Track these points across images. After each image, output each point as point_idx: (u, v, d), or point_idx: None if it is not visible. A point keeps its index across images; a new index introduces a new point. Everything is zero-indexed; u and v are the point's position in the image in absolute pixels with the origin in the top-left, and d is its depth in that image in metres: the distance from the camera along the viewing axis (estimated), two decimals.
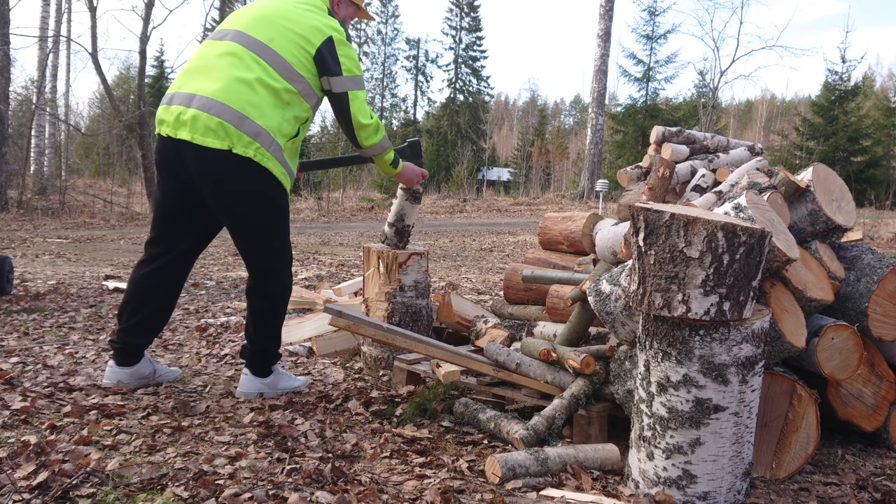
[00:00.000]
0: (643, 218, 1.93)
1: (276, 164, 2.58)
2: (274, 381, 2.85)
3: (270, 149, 2.54)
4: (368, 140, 2.75)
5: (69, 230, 11.52)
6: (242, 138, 2.49)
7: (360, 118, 2.69)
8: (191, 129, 2.50)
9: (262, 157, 2.53)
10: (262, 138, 2.52)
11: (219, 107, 2.49)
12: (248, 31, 2.62)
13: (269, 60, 2.57)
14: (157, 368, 2.92)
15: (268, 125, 2.53)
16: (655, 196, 3.00)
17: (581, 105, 67.26)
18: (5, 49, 13.92)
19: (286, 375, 2.93)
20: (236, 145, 2.49)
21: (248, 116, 2.50)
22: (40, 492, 1.79)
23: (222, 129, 2.48)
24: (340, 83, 2.65)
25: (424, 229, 13.93)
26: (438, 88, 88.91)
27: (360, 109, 2.69)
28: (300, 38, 2.60)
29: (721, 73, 26.90)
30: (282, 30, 2.61)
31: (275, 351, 2.84)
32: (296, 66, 2.59)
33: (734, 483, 2.00)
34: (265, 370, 2.83)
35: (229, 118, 2.48)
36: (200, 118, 2.49)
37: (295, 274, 6.70)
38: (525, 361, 2.65)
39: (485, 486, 2.02)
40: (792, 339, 2.19)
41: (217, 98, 2.50)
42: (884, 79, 48.97)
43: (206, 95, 2.51)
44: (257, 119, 2.51)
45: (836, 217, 2.60)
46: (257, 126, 2.51)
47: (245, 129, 2.49)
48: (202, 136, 2.49)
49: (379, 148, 2.81)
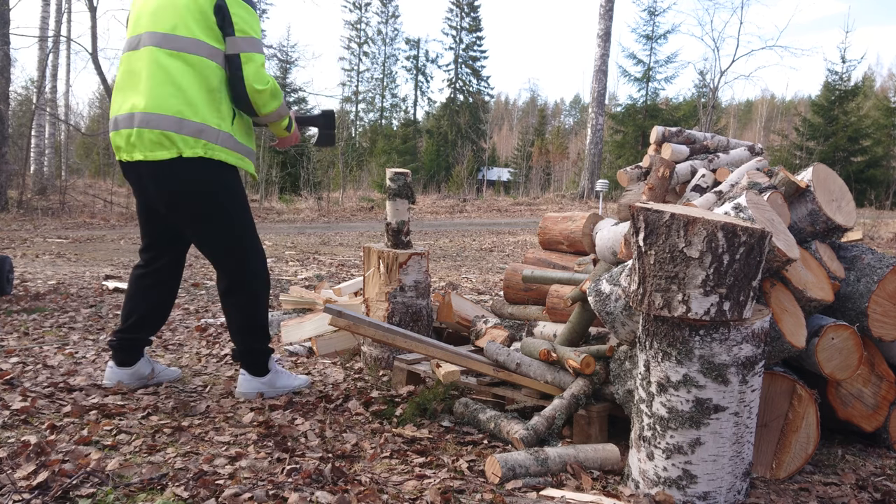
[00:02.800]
0: (643, 218, 1.93)
1: (230, 153, 2.56)
2: (272, 380, 2.84)
3: (219, 140, 2.52)
4: (266, 107, 2.61)
5: (69, 230, 11.52)
6: (187, 141, 2.48)
7: (254, 84, 2.53)
8: (140, 148, 2.51)
9: (212, 152, 2.51)
10: (207, 134, 2.50)
11: (156, 119, 2.48)
12: (155, 29, 2.54)
13: (185, 48, 2.50)
14: (156, 368, 2.93)
15: (206, 119, 2.50)
16: (655, 196, 3.00)
17: (581, 105, 67.29)
18: (5, 49, 13.92)
19: (285, 374, 2.92)
20: (184, 150, 2.48)
21: (185, 118, 2.48)
22: (40, 492, 1.79)
23: (166, 139, 2.48)
24: (233, 44, 2.53)
25: (424, 229, 13.93)
26: (438, 88, 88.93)
27: (256, 74, 2.54)
28: (197, 11, 2.51)
29: (721, 73, 26.89)
30: (181, 11, 2.52)
31: (264, 347, 2.82)
32: (210, 41, 2.52)
33: (734, 483, 2.00)
34: (261, 369, 2.81)
35: (168, 126, 2.47)
36: (144, 135, 2.49)
37: (295, 274, 6.70)
38: (525, 361, 2.65)
39: (485, 486, 2.02)
40: (792, 339, 2.19)
41: (150, 110, 2.49)
42: (884, 79, 49.01)
43: (141, 111, 2.51)
44: (194, 117, 2.49)
45: (836, 217, 2.60)
46: (197, 124, 2.49)
47: (186, 130, 2.48)
48: (151, 152, 2.50)
49: (277, 115, 2.68)
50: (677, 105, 28.45)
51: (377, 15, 45.66)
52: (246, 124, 2.68)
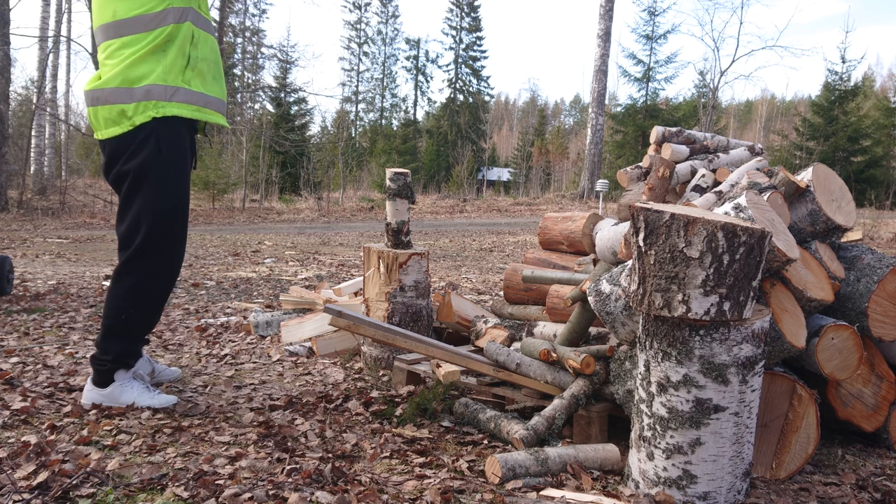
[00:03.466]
0: (643, 218, 1.93)
1: (180, 106, 2.49)
2: (114, 394, 2.54)
3: (168, 96, 2.47)
4: None
5: (69, 230, 11.52)
6: (138, 107, 2.45)
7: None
8: (101, 127, 2.50)
9: (163, 109, 2.46)
10: (154, 93, 2.46)
11: (104, 94, 2.47)
12: (100, 21, 2.54)
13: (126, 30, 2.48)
14: (156, 368, 2.92)
15: (153, 80, 2.46)
16: (655, 196, 3.00)
17: (581, 105, 67.30)
18: (5, 49, 13.92)
19: (136, 389, 2.57)
20: (135, 116, 2.45)
21: (132, 86, 2.45)
22: (40, 492, 1.79)
23: (119, 115, 2.46)
24: None
25: (424, 229, 13.93)
26: (438, 88, 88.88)
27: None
28: None
29: (721, 73, 26.92)
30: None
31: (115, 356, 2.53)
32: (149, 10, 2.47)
33: (734, 483, 2.00)
34: (103, 378, 2.54)
35: (118, 99, 2.45)
36: (99, 113, 2.49)
37: (295, 274, 6.70)
38: (525, 361, 2.65)
39: (485, 486, 2.02)
40: (792, 340, 2.19)
41: (99, 87, 2.48)
42: (884, 79, 49.06)
43: (91, 89, 2.50)
44: (140, 82, 2.45)
45: (836, 217, 2.60)
46: (143, 87, 2.45)
47: (136, 97, 2.45)
48: (107, 130, 2.49)
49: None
50: (677, 105, 28.46)
51: (377, 15, 45.74)
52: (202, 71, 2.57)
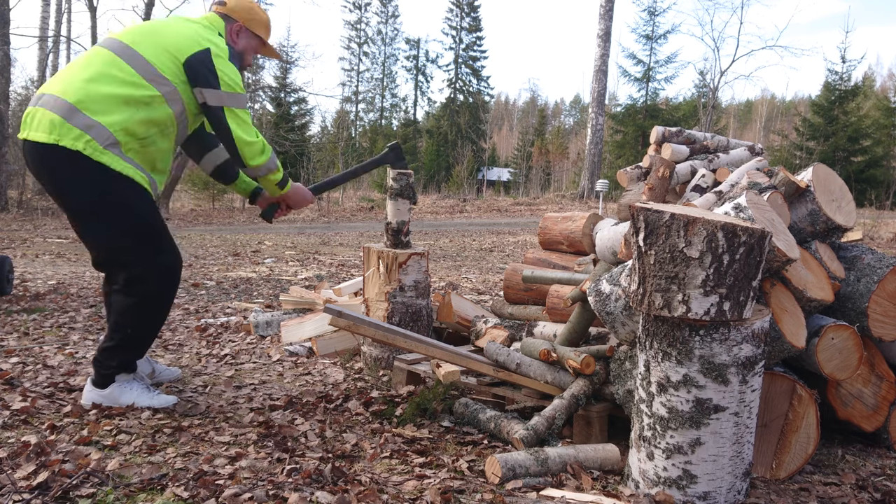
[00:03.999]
0: (643, 218, 1.93)
1: (116, 159, 2.45)
2: (113, 395, 2.59)
3: (105, 143, 2.43)
4: (254, 160, 2.63)
5: (69, 230, 11.51)
6: (72, 131, 2.41)
7: (242, 135, 2.58)
8: (28, 126, 2.49)
9: (94, 151, 2.42)
10: (95, 131, 2.43)
11: (53, 101, 2.45)
12: (118, 37, 2.56)
13: (129, 60, 2.49)
14: (155, 368, 2.92)
15: (107, 121, 2.44)
16: (655, 196, 3.00)
17: (581, 105, 67.27)
18: (5, 49, 13.93)
19: (136, 390, 2.62)
20: (63, 138, 2.41)
21: (82, 110, 2.43)
22: (40, 492, 1.79)
23: (50, 123, 2.43)
24: (216, 96, 2.55)
25: (424, 229, 13.93)
26: (438, 88, 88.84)
27: (242, 127, 2.59)
28: (170, 44, 2.53)
29: (721, 73, 26.94)
30: (151, 35, 2.55)
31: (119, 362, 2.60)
32: (160, 69, 2.50)
33: (734, 483, 2.00)
34: (104, 380, 2.59)
35: (59, 111, 2.43)
36: (37, 114, 2.47)
37: (295, 274, 6.70)
38: (525, 361, 2.65)
39: (485, 486, 2.02)
40: (792, 340, 2.19)
41: (55, 93, 2.46)
42: (884, 79, 49.03)
43: (48, 93, 2.49)
44: (94, 114, 2.43)
45: (836, 217, 2.60)
46: (89, 119, 2.42)
47: (75, 121, 2.42)
48: (34, 132, 2.46)
49: (265, 169, 2.70)
50: (677, 105, 28.45)
51: (377, 15, 45.68)
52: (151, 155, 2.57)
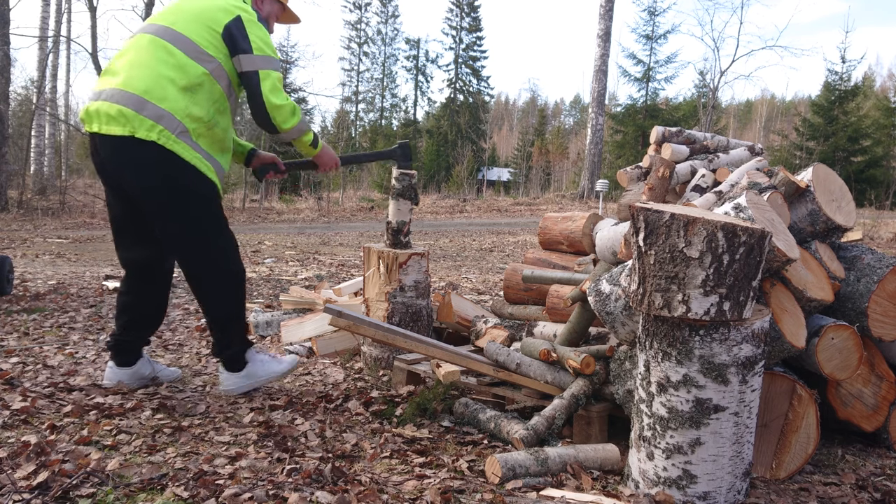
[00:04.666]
0: (643, 218, 1.93)
1: (187, 149, 2.51)
2: (252, 372, 2.80)
3: (177, 132, 2.49)
4: (286, 123, 2.64)
5: (69, 230, 11.52)
6: (144, 122, 2.45)
7: (272, 99, 2.57)
8: (97, 120, 2.50)
9: (168, 140, 2.47)
10: (166, 121, 2.47)
11: (118, 94, 2.49)
12: (156, 21, 2.61)
13: (175, 42, 2.53)
14: (156, 368, 2.93)
15: (172, 107, 2.48)
16: (655, 196, 3.00)
17: (581, 105, 67.26)
18: (5, 49, 13.92)
19: (267, 361, 2.85)
20: (138, 129, 2.46)
21: (149, 100, 2.47)
22: (40, 492, 1.79)
23: (122, 116, 2.46)
24: (250, 61, 2.56)
25: (424, 229, 13.93)
26: (438, 88, 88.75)
27: (273, 90, 2.58)
28: (206, 17, 2.56)
29: (721, 73, 26.91)
30: (186, 13, 2.59)
31: (238, 343, 2.77)
32: (203, 45, 2.54)
33: (734, 483, 2.00)
34: (238, 364, 2.78)
35: (128, 103, 2.46)
36: (103, 108, 2.49)
37: (295, 274, 6.70)
38: (525, 361, 2.65)
39: (485, 486, 2.02)
40: (792, 340, 2.19)
41: (118, 87, 2.50)
42: (884, 79, 49.04)
43: (110, 87, 2.52)
44: (159, 102, 2.47)
45: (836, 217, 2.60)
46: (160, 109, 2.47)
47: (146, 112, 2.46)
48: (106, 126, 2.49)
49: (297, 131, 2.72)
50: (677, 105, 28.45)
51: (377, 15, 45.68)
52: (217, 139, 2.62)
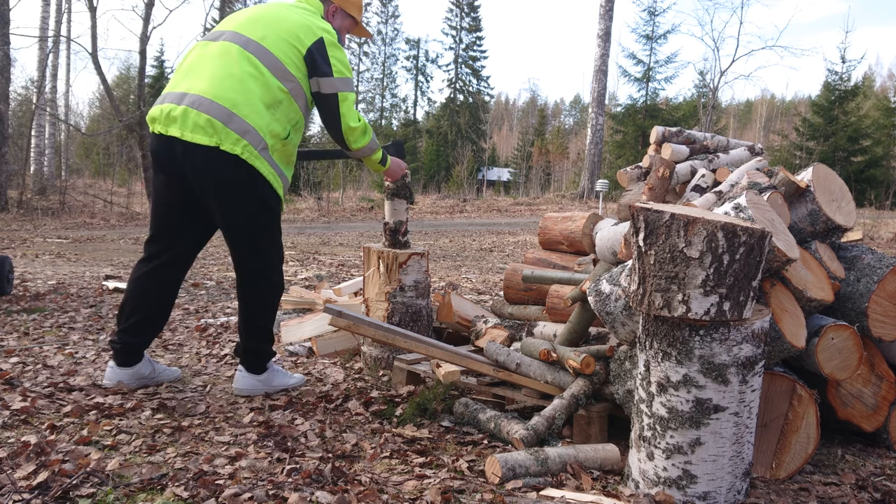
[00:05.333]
0: (643, 218, 1.93)
1: (265, 164, 2.58)
2: (269, 378, 2.88)
3: (259, 147, 2.54)
4: (357, 143, 2.78)
5: (69, 230, 11.52)
6: (230, 135, 2.49)
7: (349, 121, 2.70)
8: (181, 125, 2.51)
9: (250, 156, 2.53)
10: (251, 136, 2.52)
11: (208, 103, 2.50)
12: (242, 31, 2.64)
13: (262, 58, 2.58)
14: (156, 368, 2.93)
15: (257, 123, 2.53)
16: (655, 196, 3.00)
17: (581, 105, 67.24)
18: (5, 49, 13.92)
19: (282, 372, 2.95)
20: (224, 142, 2.49)
21: (237, 114, 2.50)
22: (40, 492, 1.79)
23: (210, 126, 2.48)
24: (330, 84, 2.65)
25: (424, 229, 13.93)
26: (438, 88, 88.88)
27: (350, 112, 2.71)
28: (292, 36, 2.62)
29: (721, 73, 26.91)
30: (275, 28, 2.63)
31: (267, 348, 2.87)
32: (287, 65, 2.59)
33: (734, 483, 2.00)
34: (259, 367, 2.86)
35: (217, 115, 2.48)
36: (190, 115, 2.50)
37: (295, 274, 6.70)
38: (525, 361, 2.65)
39: (485, 486, 2.02)
40: (792, 340, 2.19)
41: (206, 95, 2.51)
42: (884, 79, 49.06)
43: (196, 93, 2.53)
44: (246, 117, 2.51)
45: (836, 217, 2.60)
46: (246, 124, 2.51)
47: (233, 126, 2.49)
48: (191, 133, 2.50)
49: (368, 150, 2.85)
50: (677, 105, 28.43)
51: (377, 15, 45.62)
52: (288, 154, 2.71)
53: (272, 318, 2.87)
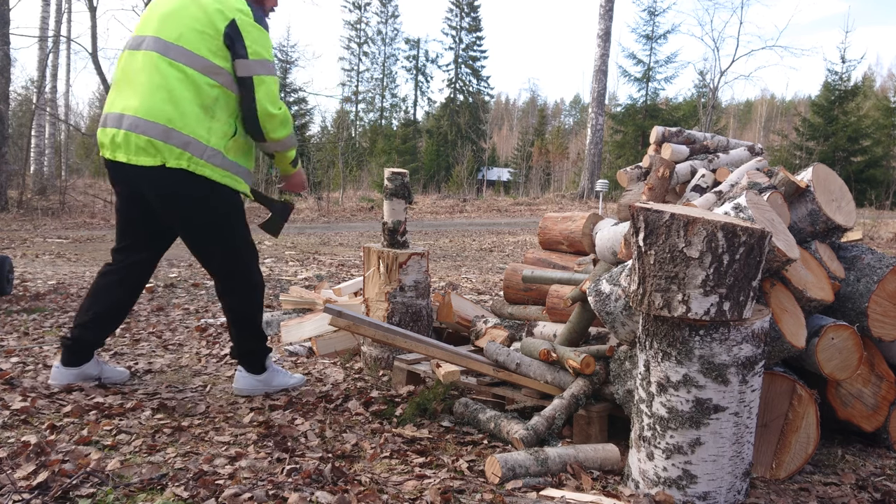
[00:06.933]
0: (643, 218, 1.93)
1: (215, 170, 2.53)
2: (269, 378, 2.88)
3: (204, 156, 2.50)
4: (275, 133, 2.61)
5: (69, 230, 11.52)
6: (173, 151, 2.47)
7: (267, 106, 2.54)
8: (125, 150, 2.51)
9: (197, 166, 2.50)
10: (193, 147, 2.49)
11: (144, 124, 2.48)
12: (159, 35, 2.55)
13: (184, 60, 2.50)
14: (104, 370, 2.87)
15: (195, 132, 2.49)
16: (655, 196, 3.00)
17: (581, 105, 67.23)
18: (5, 49, 13.91)
19: (282, 372, 2.95)
20: (168, 159, 2.48)
21: (174, 128, 2.47)
22: (40, 492, 1.79)
23: (152, 146, 2.48)
24: (245, 66, 2.53)
25: (424, 229, 13.93)
26: (438, 88, 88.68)
27: (268, 97, 2.55)
28: (206, 25, 2.51)
29: (721, 73, 26.92)
30: (188, 22, 2.52)
31: (261, 347, 2.86)
32: (211, 58, 2.51)
33: (734, 483, 2.00)
34: (258, 367, 2.86)
35: (155, 134, 2.47)
36: (131, 138, 2.50)
37: (295, 274, 6.70)
38: (525, 361, 2.65)
39: (485, 486, 2.02)
40: (792, 340, 2.19)
41: (141, 115, 2.49)
42: (884, 79, 49.05)
43: (132, 114, 2.51)
44: (183, 128, 2.48)
45: (836, 217, 2.60)
46: (184, 136, 2.48)
47: (173, 141, 2.47)
48: (136, 157, 2.50)
49: (284, 144, 2.69)
50: (677, 105, 28.44)
51: (377, 15, 45.64)
52: (244, 144, 2.65)
53: (260, 316, 2.85)
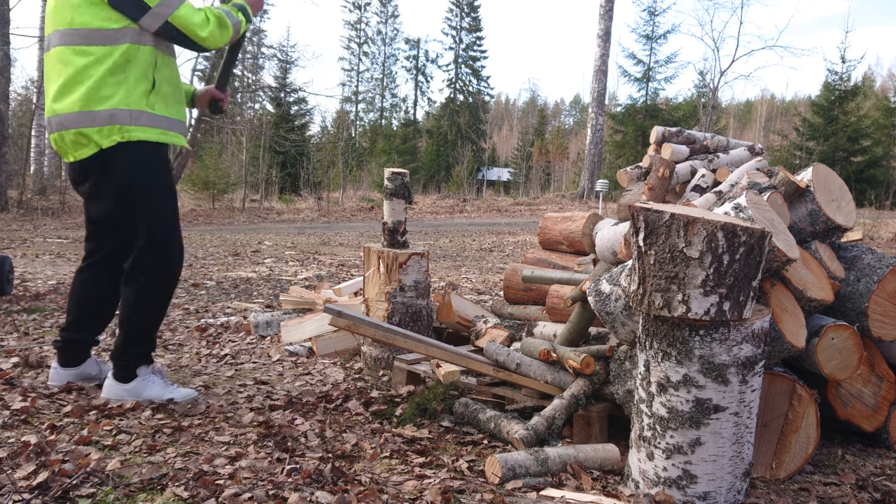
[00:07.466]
0: (643, 218, 1.93)
1: (146, 130, 2.52)
2: (137, 389, 2.64)
3: (132, 121, 2.49)
4: (222, 40, 2.61)
5: (69, 230, 11.51)
6: (101, 131, 2.47)
7: (198, 32, 2.52)
8: (68, 150, 2.54)
9: (128, 133, 2.49)
10: (118, 117, 2.47)
11: (68, 119, 2.49)
12: (58, 26, 2.53)
13: (83, 40, 2.48)
14: (103, 369, 2.84)
15: (115, 102, 2.47)
16: (655, 196, 3.00)
17: (581, 105, 67.23)
18: (5, 49, 13.92)
19: (158, 384, 2.67)
20: (102, 142, 2.48)
21: (94, 109, 2.46)
22: (40, 492, 1.79)
23: (83, 137, 2.48)
24: (153, 17, 2.47)
25: (424, 229, 13.93)
26: (438, 88, 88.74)
27: (189, 23, 2.51)
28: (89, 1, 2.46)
29: (721, 73, 26.89)
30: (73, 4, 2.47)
31: (137, 353, 2.65)
32: (103, 27, 2.46)
33: (734, 483, 2.00)
34: (126, 374, 2.64)
35: (80, 123, 2.47)
36: (66, 137, 2.51)
37: (295, 274, 6.70)
38: (525, 361, 2.65)
39: (485, 486, 2.02)
40: (792, 340, 2.19)
41: (62, 111, 2.50)
42: (884, 79, 49.02)
43: (59, 114, 2.52)
44: (102, 104, 2.46)
45: (836, 217, 2.60)
46: (106, 111, 2.47)
47: (98, 121, 2.47)
48: (75, 153, 2.52)
49: (234, 34, 2.67)
50: (677, 105, 28.44)
51: (377, 15, 45.68)
52: (169, 93, 2.60)
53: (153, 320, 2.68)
